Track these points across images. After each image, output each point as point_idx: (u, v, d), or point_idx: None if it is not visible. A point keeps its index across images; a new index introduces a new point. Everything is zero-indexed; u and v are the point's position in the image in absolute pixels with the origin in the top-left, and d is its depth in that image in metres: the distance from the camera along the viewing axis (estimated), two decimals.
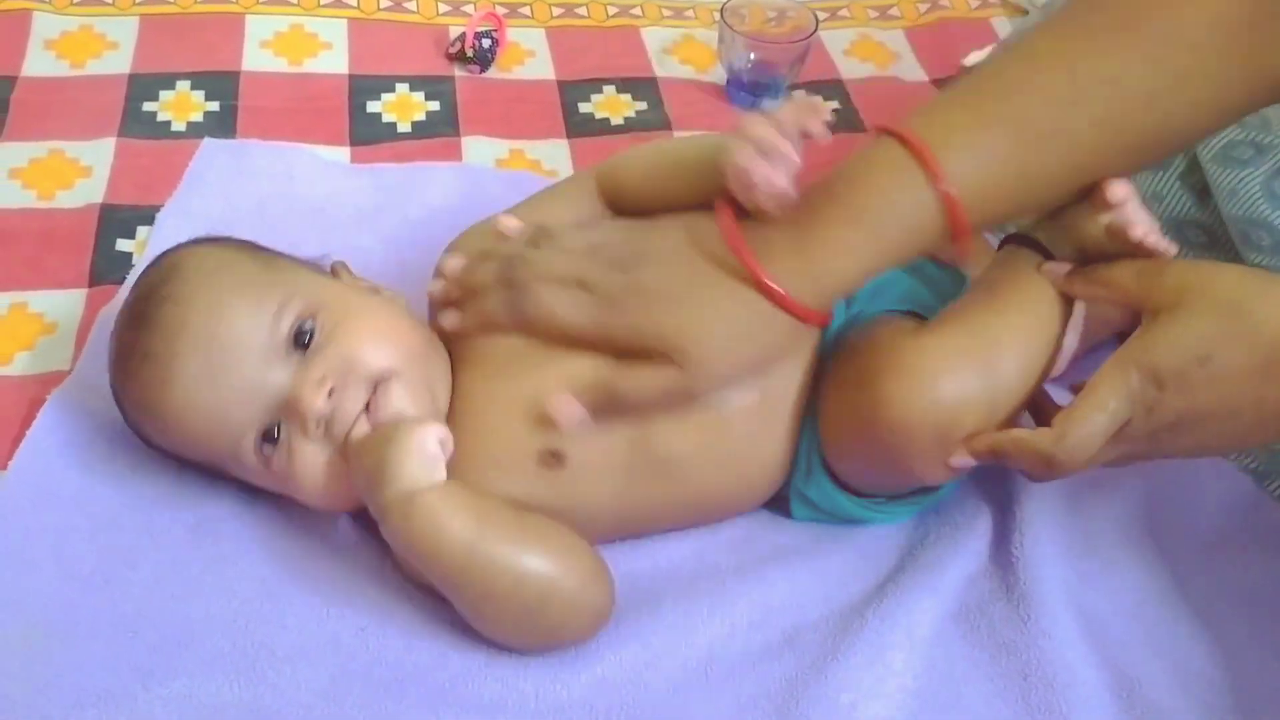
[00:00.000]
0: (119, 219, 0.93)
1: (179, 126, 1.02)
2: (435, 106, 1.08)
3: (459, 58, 1.13)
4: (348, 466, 0.66)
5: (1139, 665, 0.69)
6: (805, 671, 0.67)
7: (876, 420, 0.65)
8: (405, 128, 1.05)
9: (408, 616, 0.69)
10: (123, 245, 0.91)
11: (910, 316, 0.72)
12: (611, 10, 1.23)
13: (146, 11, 1.14)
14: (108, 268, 0.89)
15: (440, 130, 1.05)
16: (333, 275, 0.75)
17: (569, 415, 0.65)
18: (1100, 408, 0.63)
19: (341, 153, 1.02)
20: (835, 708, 0.66)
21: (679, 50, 1.19)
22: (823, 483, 0.72)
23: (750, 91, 1.11)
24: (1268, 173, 0.78)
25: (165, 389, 0.67)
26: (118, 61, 1.08)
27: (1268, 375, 0.61)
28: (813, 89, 1.15)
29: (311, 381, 0.65)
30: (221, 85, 1.07)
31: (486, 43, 1.12)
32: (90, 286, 0.88)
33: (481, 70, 1.12)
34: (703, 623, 0.69)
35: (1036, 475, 0.66)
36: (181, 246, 0.73)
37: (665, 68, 1.16)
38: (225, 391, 0.66)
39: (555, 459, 0.67)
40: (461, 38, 1.13)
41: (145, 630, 0.67)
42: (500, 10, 1.19)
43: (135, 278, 0.74)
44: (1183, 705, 0.68)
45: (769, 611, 0.71)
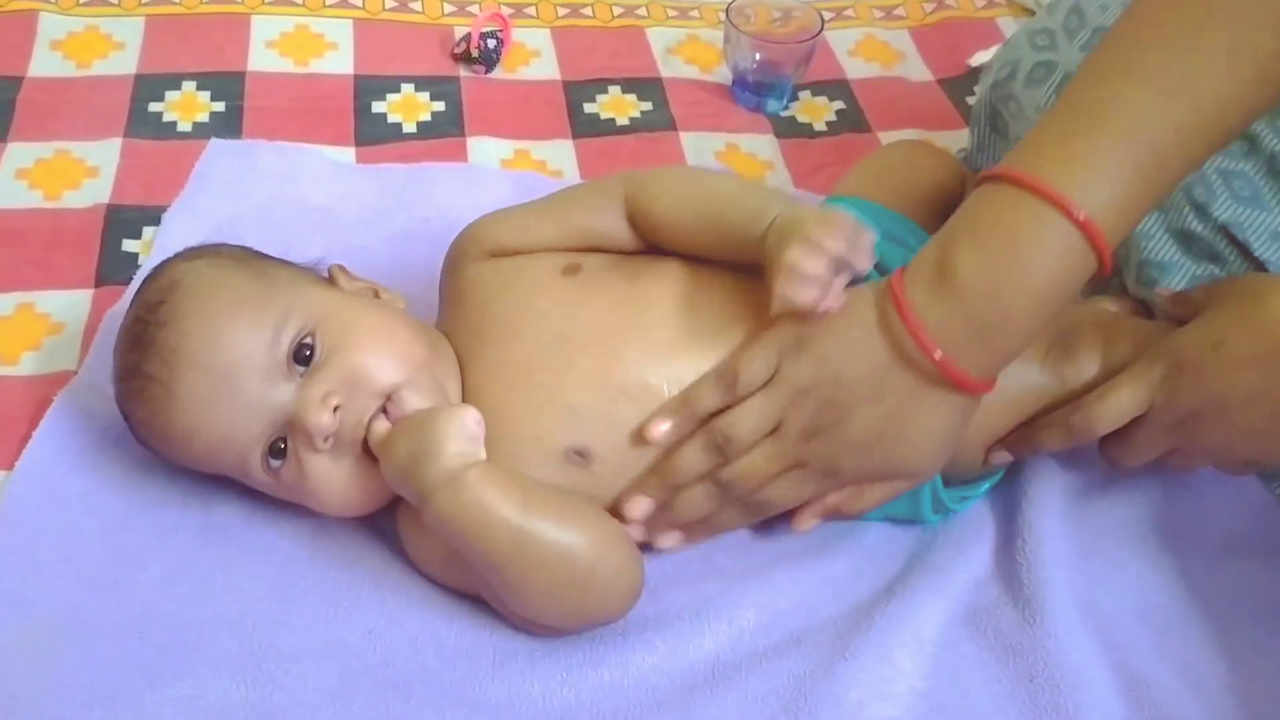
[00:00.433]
0: (125, 219, 0.93)
1: (185, 127, 1.02)
2: (440, 107, 1.08)
3: (464, 58, 1.13)
4: (371, 465, 0.66)
5: (1147, 667, 0.69)
6: (813, 671, 0.67)
7: None
8: (410, 128, 1.05)
9: (415, 618, 0.69)
10: (129, 246, 0.91)
11: None
12: (616, 10, 1.23)
13: (152, 12, 1.14)
14: (114, 268, 0.89)
15: (445, 130, 1.05)
16: (330, 280, 0.74)
17: (658, 434, 0.66)
18: (1120, 387, 0.69)
19: (347, 153, 1.02)
20: (843, 707, 0.66)
21: (684, 50, 1.19)
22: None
23: (755, 92, 1.11)
24: (1188, 182, 0.78)
25: (168, 412, 0.67)
26: (124, 62, 1.08)
27: (1274, 360, 0.65)
28: (818, 89, 1.15)
29: (315, 399, 0.65)
30: (227, 86, 1.07)
31: (492, 43, 1.12)
32: (96, 287, 0.88)
33: (487, 71, 1.13)
34: (710, 625, 0.69)
35: (1055, 442, 0.71)
36: (177, 260, 0.72)
37: (670, 68, 1.16)
38: (227, 413, 0.66)
39: (581, 457, 0.68)
40: (467, 38, 1.13)
41: (153, 631, 0.67)
42: (505, 10, 1.19)
43: (136, 286, 0.74)
44: (1192, 707, 0.68)
45: (776, 614, 0.71)
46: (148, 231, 0.92)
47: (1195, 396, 0.68)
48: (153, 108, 1.04)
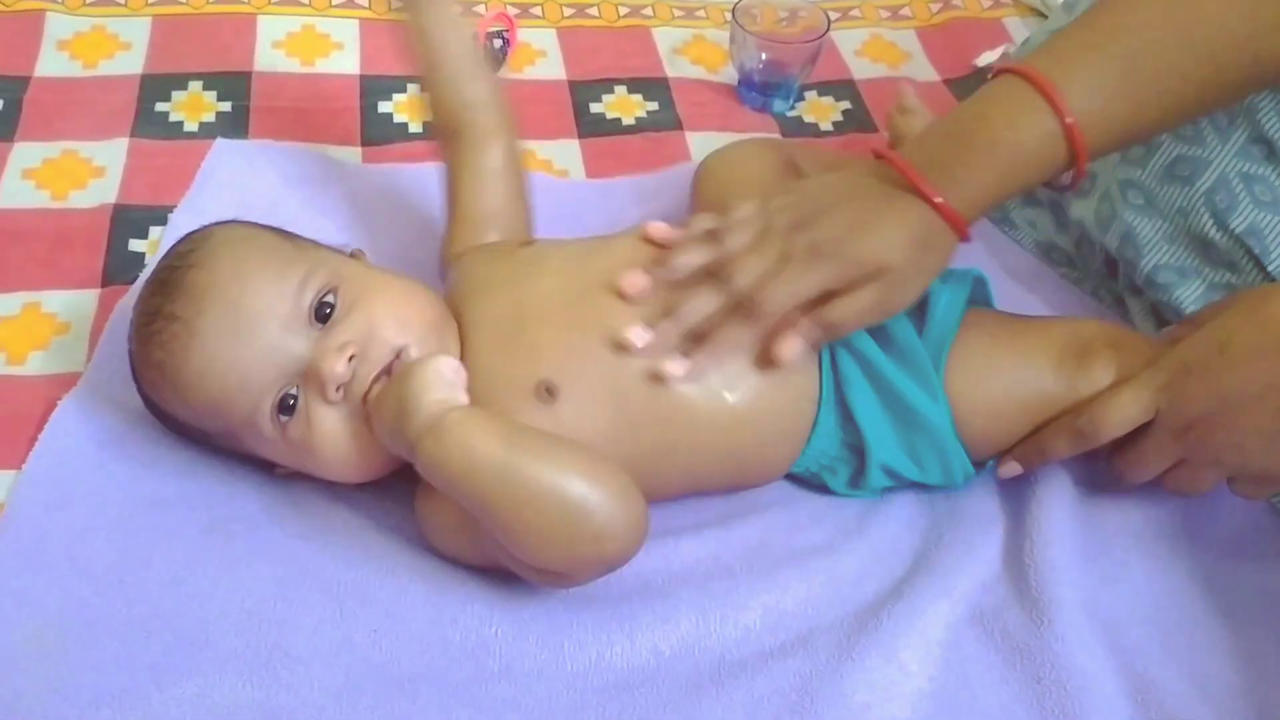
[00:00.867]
0: (132, 219, 0.93)
1: (191, 127, 1.02)
2: None
3: None
4: (369, 426, 0.67)
5: (1155, 669, 0.69)
6: (819, 672, 0.67)
7: None
8: (416, 128, 1.05)
9: (421, 618, 0.69)
10: (135, 245, 0.91)
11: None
12: (623, 10, 1.23)
13: (159, 12, 1.14)
14: (120, 268, 0.89)
15: None
16: (352, 258, 0.77)
17: (637, 285, 0.71)
18: (1124, 390, 0.71)
19: (353, 153, 1.02)
20: (849, 708, 0.66)
21: (690, 50, 1.19)
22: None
23: (761, 92, 1.11)
24: (1209, 187, 0.79)
25: (186, 350, 0.68)
26: (130, 62, 1.09)
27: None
28: (824, 89, 1.15)
29: (333, 348, 0.67)
30: (234, 85, 1.07)
31: (498, 43, 1.12)
32: (103, 286, 0.88)
33: (493, 70, 1.12)
34: (716, 625, 0.69)
35: (1063, 447, 0.73)
36: (207, 225, 0.74)
37: (676, 68, 1.16)
38: (246, 354, 0.67)
39: (549, 392, 0.69)
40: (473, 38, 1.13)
41: (159, 630, 0.67)
42: (511, 11, 1.19)
43: (149, 273, 0.75)
44: (1199, 710, 0.68)
45: (782, 614, 0.70)
46: (154, 231, 0.92)
47: (1203, 398, 0.68)
48: (159, 108, 1.04)
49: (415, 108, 1.07)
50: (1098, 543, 0.74)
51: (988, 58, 1.16)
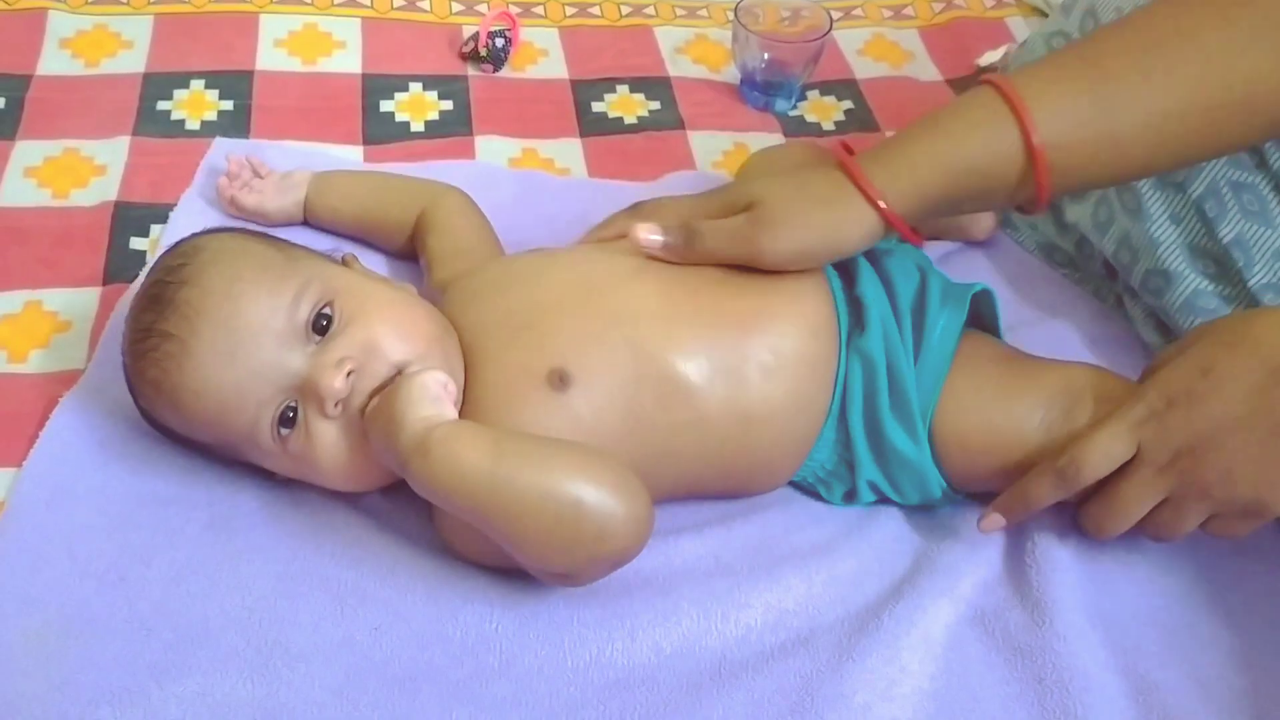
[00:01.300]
0: (133, 217, 0.93)
1: (193, 125, 1.02)
2: (448, 106, 1.08)
3: (472, 57, 1.13)
4: (365, 439, 0.67)
5: (1156, 670, 0.69)
6: (820, 672, 0.67)
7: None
8: (418, 127, 1.06)
9: (421, 616, 0.69)
10: (137, 244, 0.91)
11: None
12: (625, 10, 1.23)
13: (161, 10, 1.14)
14: (122, 266, 0.89)
15: (453, 129, 1.05)
16: (344, 265, 0.76)
17: (648, 238, 0.72)
18: (1102, 427, 0.68)
19: (355, 152, 1.02)
20: (850, 708, 0.65)
21: (692, 50, 1.19)
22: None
23: (763, 91, 1.11)
24: (1200, 194, 0.79)
25: (182, 370, 0.67)
26: (132, 60, 1.09)
27: (1272, 379, 0.64)
28: (826, 89, 1.15)
29: (331, 363, 0.66)
30: (236, 84, 1.07)
31: (500, 42, 1.12)
32: (104, 285, 0.88)
33: (495, 70, 1.13)
34: (717, 625, 0.69)
35: (1045, 492, 0.70)
36: (197, 234, 0.74)
37: (678, 67, 1.16)
38: (242, 372, 0.67)
39: (562, 380, 0.68)
40: (475, 37, 1.13)
41: (160, 628, 0.67)
42: (514, 9, 1.19)
43: (141, 282, 0.74)
44: (1201, 710, 0.67)
45: (784, 614, 0.70)
46: (155, 229, 0.92)
47: (1188, 427, 0.66)
48: (161, 106, 1.04)
49: (417, 106, 1.07)
50: (1099, 543, 0.74)
51: (990, 57, 1.16)
